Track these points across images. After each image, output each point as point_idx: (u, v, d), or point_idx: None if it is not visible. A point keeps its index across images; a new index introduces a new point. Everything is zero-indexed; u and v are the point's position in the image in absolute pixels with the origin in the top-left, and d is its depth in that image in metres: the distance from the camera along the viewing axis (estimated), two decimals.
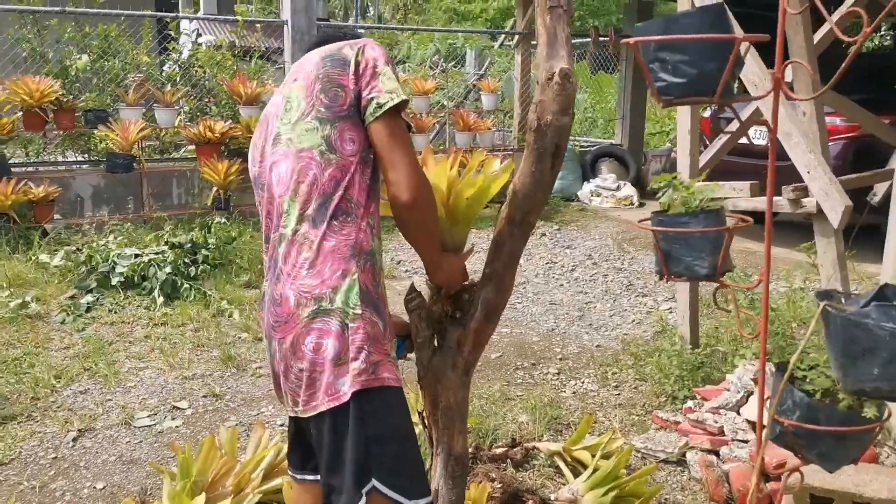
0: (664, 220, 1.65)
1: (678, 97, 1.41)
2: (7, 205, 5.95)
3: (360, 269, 1.61)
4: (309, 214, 1.61)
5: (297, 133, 1.65)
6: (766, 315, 1.49)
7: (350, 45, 1.67)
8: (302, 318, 1.59)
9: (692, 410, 3.34)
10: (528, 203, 1.88)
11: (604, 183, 8.71)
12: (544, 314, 5.09)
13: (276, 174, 1.68)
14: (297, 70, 1.73)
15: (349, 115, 1.62)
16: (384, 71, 1.63)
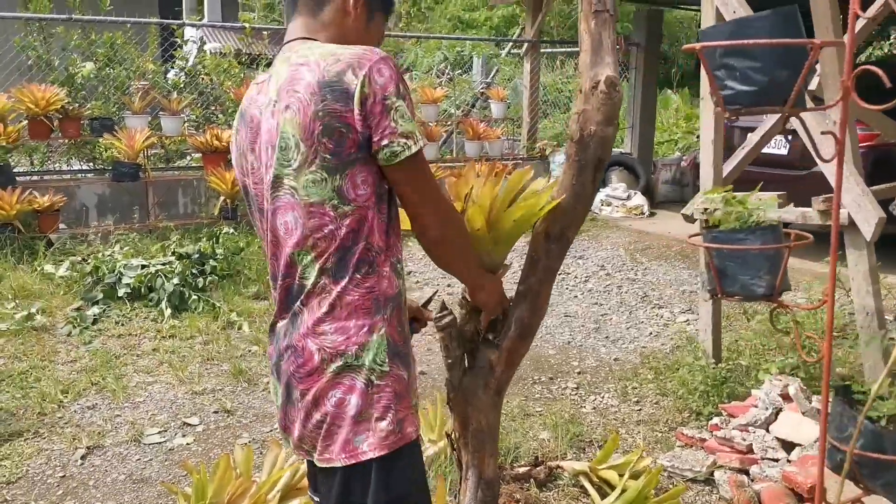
0: (718, 236, 1.56)
1: (747, 106, 1.32)
2: (12, 214, 5.87)
3: (386, 321, 1.48)
4: (329, 268, 1.46)
5: (301, 183, 1.42)
6: (830, 338, 1.39)
7: (353, 66, 1.37)
8: (327, 374, 1.46)
9: (719, 427, 3.24)
10: (567, 217, 1.80)
11: (614, 192, 8.63)
12: (559, 326, 4.99)
13: (282, 222, 1.49)
14: (287, 88, 1.43)
15: (359, 157, 1.40)
16: (397, 106, 1.38)
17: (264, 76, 1.56)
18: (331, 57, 1.39)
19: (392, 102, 1.37)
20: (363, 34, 1.56)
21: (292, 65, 1.43)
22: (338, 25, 1.54)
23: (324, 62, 1.39)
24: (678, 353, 4.35)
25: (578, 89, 1.66)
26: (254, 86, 1.58)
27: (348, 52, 1.39)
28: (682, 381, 3.75)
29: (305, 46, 1.46)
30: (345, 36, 1.53)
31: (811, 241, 1.58)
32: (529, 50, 8.85)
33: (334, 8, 1.54)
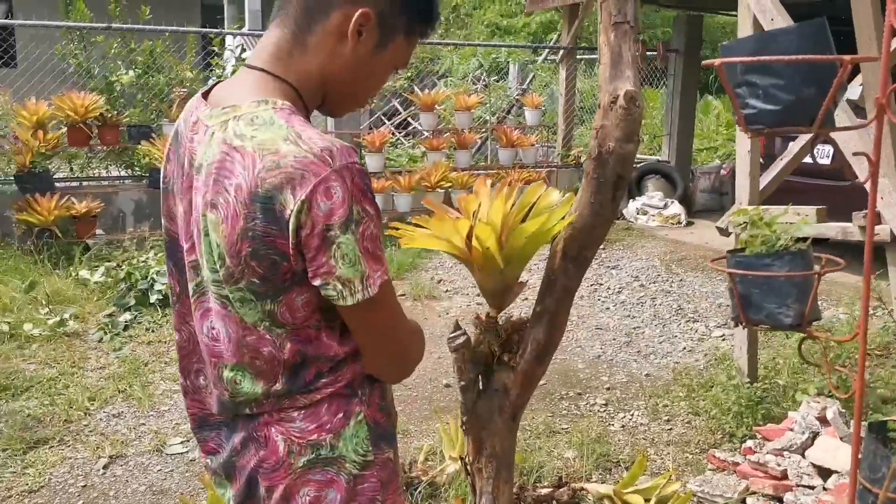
0: (742, 260, 1.47)
1: (771, 126, 1.23)
2: (50, 220, 5.97)
3: (365, 403, 1.24)
4: (278, 390, 1.20)
5: (233, 296, 1.16)
6: (863, 372, 1.30)
7: (294, 182, 1.05)
8: (296, 468, 1.21)
9: (752, 451, 3.12)
10: (585, 237, 1.72)
11: (650, 201, 8.47)
12: (590, 339, 4.89)
13: (207, 329, 1.23)
14: (216, 176, 1.11)
15: (296, 281, 1.13)
16: (339, 242, 1.07)
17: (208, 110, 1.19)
18: (269, 156, 1.06)
19: (334, 236, 1.06)
20: (364, 66, 1.23)
21: (227, 143, 1.11)
22: (326, 53, 1.20)
23: (261, 162, 1.07)
24: (712, 370, 4.22)
25: (598, 104, 1.59)
26: (200, 101, 1.23)
27: (292, 158, 1.06)
28: (715, 400, 3.62)
29: (253, 108, 1.13)
30: (333, 69, 1.21)
31: (843, 266, 1.49)
32: (565, 57, 8.75)
33: (324, 31, 1.18)
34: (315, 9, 1.18)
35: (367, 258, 1.10)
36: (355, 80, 1.24)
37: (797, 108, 1.18)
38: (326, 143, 1.08)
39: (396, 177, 7.34)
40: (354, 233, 1.08)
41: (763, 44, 1.20)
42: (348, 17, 1.17)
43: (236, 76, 1.24)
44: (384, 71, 1.28)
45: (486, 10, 22.88)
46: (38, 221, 5.96)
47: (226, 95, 1.19)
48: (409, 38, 1.27)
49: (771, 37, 1.19)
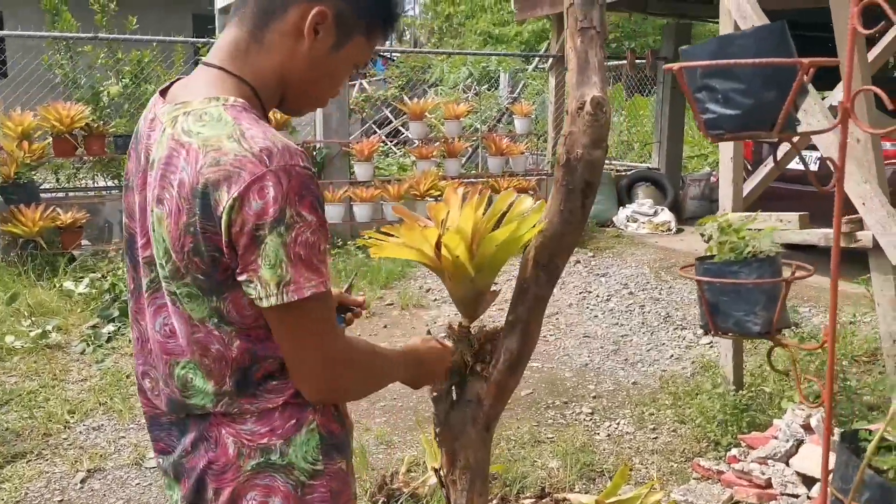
0: (711, 268, 1.45)
1: (731, 131, 1.21)
2: (35, 231, 5.93)
3: (318, 412, 1.22)
4: (228, 390, 1.18)
5: (179, 291, 1.15)
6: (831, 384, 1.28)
7: (230, 179, 1.04)
8: (244, 471, 1.19)
9: (737, 459, 3.10)
10: (555, 245, 1.69)
11: (640, 208, 8.47)
12: (577, 347, 4.86)
13: (160, 325, 1.22)
14: (163, 170, 1.11)
15: (238, 279, 1.11)
16: (267, 241, 1.05)
17: (166, 105, 1.19)
18: (212, 153, 1.06)
19: (262, 236, 1.04)
20: (321, 65, 1.22)
21: (174, 139, 1.11)
22: (282, 53, 1.19)
23: (203, 158, 1.06)
24: (699, 378, 4.19)
25: (565, 110, 1.57)
26: (158, 99, 1.23)
27: (232, 156, 1.05)
28: (700, 408, 3.60)
29: (203, 105, 1.12)
30: (291, 67, 1.20)
31: (812, 273, 1.46)
32: (555, 65, 8.76)
33: (281, 29, 1.18)
34: (271, 8, 1.18)
35: (297, 265, 1.07)
36: (313, 79, 1.24)
37: (757, 112, 1.16)
38: (268, 142, 1.07)
39: (385, 185, 7.32)
40: (282, 235, 1.05)
41: (722, 47, 1.18)
42: (304, 15, 1.17)
43: (193, 74, 1.23)
44: (342, 70, 1.27)
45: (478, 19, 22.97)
46: (22, 232, 5.91)
47: (181, 93, 1.19)
48: (368, 38, 1.26)
49: (730, 40, 1.17)
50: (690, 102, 1.25)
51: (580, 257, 7.02)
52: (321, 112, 7.64)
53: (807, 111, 2.99)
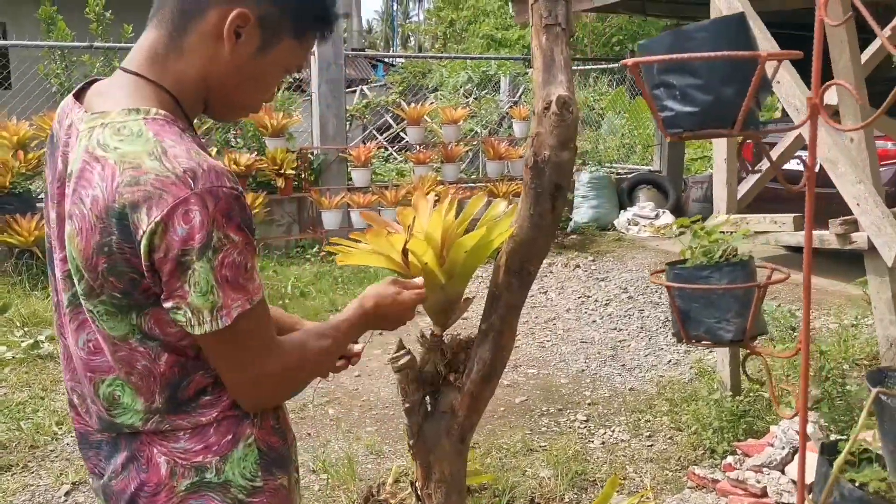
0: (681, 273, 1.39)
1: (690, 129, 1.15)
2: (30, 241, 5.92)
3: (256, 425, 1.17)
4: (159, 407, 1.13)
5: (95, 309, 1.09)
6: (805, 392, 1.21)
7: (150, 201, 0.99)
8: (178, 492, 1.13)
9: (732, 467, 3.02)
10: (526, 250, 1.64)
11: (641, 211, 8.40)
12: (574, 353, 4.80)
13: (83, 342, 1.15)
14: (75, 185, 1.05)
15: (159, 299, 1.07)
16: (195, 268, 1.00)
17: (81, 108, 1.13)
18: (130, 171, 1.00)
19: (189, 261, 1.00)
20: (245, 69, 1.15)
21: (89, 152, 1.04)
22: (204, 56, 1.12)
23: (120, 175, 1.00)
24: (697, 384, 4.12)
25: (532, 111, 1.51)
26: (73, 103, 1.16)
27: (153, 175, 0.99)
28: (696, 415, 3.52)
29: (122, 117, 1.05)
30: (212, 71, 1.13)
31: (787, 278, 1.40)
32: None
33: (201, 31, 1.10)
34: (190, 9, 1.11)
35: (224, 287, 1.03)
36: (238, 85, 1.16)
37: (717, 109, 1.10)
38: (193, 163, 1.01)
39: (383, 191, 7.28)
40: (210, 260, 1.01)
41: (679, 41, 1.12)
42: (224, 17, 1.10)
43: (111, 79, 1.16)
44: (271, 75, 1.19)
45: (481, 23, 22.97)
46: (18, 242, 5.90)
47: (97, 101, 1.12)
48: (300, 41, 1.18)
49: (686, 34, 1.11)
50: (647, 100, 1.19)
51: (580, 262, 6.95)
52: (318, 118, 7.61)
53: (798, 109, 2.92)
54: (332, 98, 7.61)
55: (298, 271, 6.53)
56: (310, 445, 3.55)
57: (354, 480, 3.13)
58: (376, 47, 32.26)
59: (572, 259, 7.03)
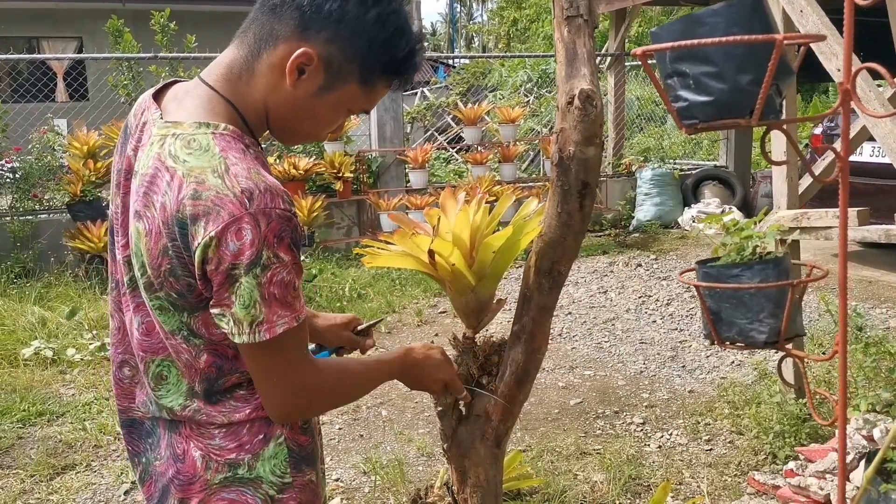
0: (711, 272, 1.32)
1: (705, 120, 1.09)
2: (100, 247, 6.13)
3: (286, 426, 1.22)
4: (198, 392, 1.20)
5: (151, 303, 1.17)
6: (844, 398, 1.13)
7: (208, 217, 1.05)
8: (211, 485, 1.20)
9: (794, 473, 2.89)
10: (555, 250, 1.59)
11: (706, 208, 8.17)
12: (633, 354, 4.69)
13: (139, 323, 1.22)
14: (145, 187, 1.11)
15: (210, 304, 1.14)
16: (243, 281, 1.06)
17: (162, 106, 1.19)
18: (194, 185, 1.06)
19: (237, 275, 1.05)
20: (304, 106, 1.18)
21: (160, 159, 1.10)
22: (268, 84, 1.16)
23: (186, 188, 1.06)
24: (761, 385, 3.96)
25: (556, 106, 1.47)
26: (151, 102, 1.21)
27: (214, 192, 1.05)
28: (756, 418, 3.39)
29: (193, 130, 1.10)
30: (274, 101, 1.17)
31: (826, 275, 1.32)
32: (613, 63, 8.55)
33: (269, 62, 1.15)
34: (266, 37, 1.16)
35: (270, 304, 1.08)
36: (295, 118, 1.20)
37: (733, 97, 1.03)
38: (251, 183, 1.06)
39: (440, 192, 7.27)
40: (258, 277, 1.06)
41: (691, 27, 1.05)
42: (290, 52, 1.14)
43: (189, 86, 1.21)
44: (330, 114, 1.22)
45: (543, 21, 22.80)
46: (89, 248, 6.12)
47: (173, 108, 1.17)
48: (365, 86, 1.20)
49: (698, 19, 1.03)
50: (660, 91, 1.13)
51: (642, 260, 6.81)
52: (376, 121, 7.67)
53: (862, 99, 2.78)
54: (389, 101, 7.66)
55: (357, 273, 6.58)
56: (362, 447, 3.56)
57: (403, 483, 3.12)
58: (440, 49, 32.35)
59: (633, 258, 6.89)
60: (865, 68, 1.03)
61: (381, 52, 1.17)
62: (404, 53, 1.19)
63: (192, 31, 7.56)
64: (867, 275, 5.85)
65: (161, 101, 1.21)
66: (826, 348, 4.36)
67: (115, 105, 7.48)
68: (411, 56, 1.21)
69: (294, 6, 1.13)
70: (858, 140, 3.50)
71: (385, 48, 1.17)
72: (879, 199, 5.19)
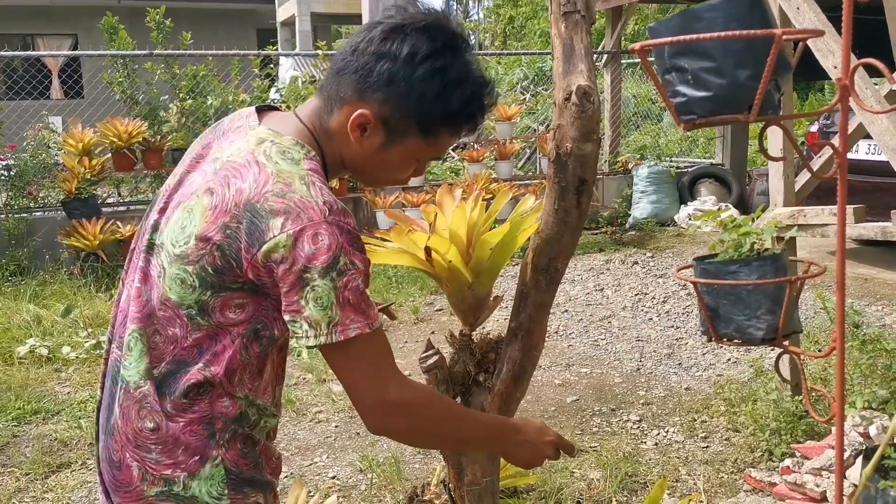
0: (708, 268, 1.32)
1: (704, 115, 1.09)
2: (96, 244, 6.11)
3: (223, 446, 1.22)
4: (156, 375, 1.21)
5: (173, 271, 1.19)
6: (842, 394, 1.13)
7: (289, 216, 1.11)
8: (147, 495, 1.22)
9: (791, 470, 2.90)
10: (552, 247, 1.59)
11: (703, 206, 8.17)
12: (629, 352, 4.69)
13: (136, 289, 1.25)
14: (226, 171, 1.18)
15: (240, 288, 1.18)
16: (315, 285, 1.11)
17: (238, 122, 1.29)
18: (281, 185, 1.14)
19: (309, 278, 1.11)
20: (373, 159, 1.27)
21: (253, 155, 1.18)
22: (339, 139, 1.25)
23: (272, 184, 1.14)
24: (757, 383, 3.97)
25: (553, 101, 1.46)
26: (253, 114, 1.31)
27: (299, 196, 1.13)
28: (753, 415, 3.39)
29: (290, 145, 1.20)
30: (348, 153, 1.27)
31: (823, 271, 1.32)
32: (610, 61, 8.55)
33: (338, 120, 1.24)
34: (335, 96, 1.25)
35: (345, 308, 1.13)
36: (368, 168, 1.31)
37: (731, 93, 1.03)
38: (331, 199, 1.16)
39: (436, 190, 7.26)
40: (335, 280, 1.12)
41: (688, 22, 1.05)
42: (351, 114, 1.22)
43: (288, 117, 1.29)
44: (402, 163, 1.30)
45: (540, 19, 22.78)
46: (84, 246, 6.10)
47: (273, 124, 1.26)
48: (429, 139, 1.26)
49: (696, 14, 1.03)
50: (658, 87, 1.13)
51: (638, 258, 6.81)
52: None
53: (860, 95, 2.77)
54: None
55: None
56: (358, 445, 3.56)
57: (400, 480, 3.12)
58: None
59: (630, 255, 6.89)
60: (863, 64, 1.02)
61: (435, 106, 1.22)
62: (461, 104, 1.23)
63: (187, 29, 7.53)
64: (863, 272, 5.85)
65: (262, 116, 1.30)
66: (822, 345, 4.37)
67: (111, 102, 7.45)
68: (471, 105, 1.24)
69: (352, 70, 1.21)
70: (855, 137, 3.50)
71: (438, 102, 1.21)
72: (876, 196, 5.20)
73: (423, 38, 1.19)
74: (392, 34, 1.19)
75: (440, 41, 1.20)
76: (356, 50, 1.21)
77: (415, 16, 1.21)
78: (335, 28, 20.55)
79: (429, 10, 1.23)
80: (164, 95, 7.29)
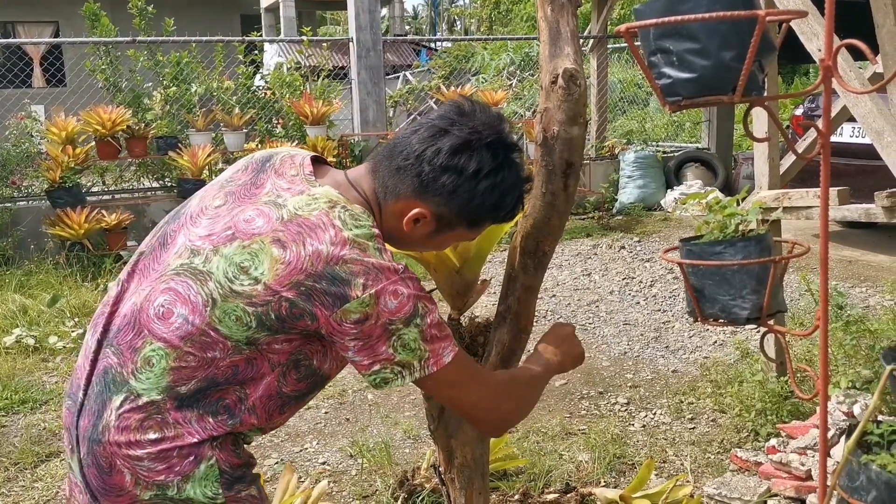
0: (694, 249, 1.33)
1: (688, 97, 1.10)
2: (81, 233, 6.07)
3: (217, 448, 1.26)
4: (182, 392, 1.23)
5: (223, 306, 1.22)
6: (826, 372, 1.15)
7: (367, 278, 1.20)
8: (140, 499, 1.24)
9: (776, 450, 2.93)
10: (540, 230, 1.60)
11: (689, 190, 8.21)
12: (617, 335, 4.72)
13: (158, 305, 1.25)
14: (297, 227, 1.23)
15: (299, 333, 1.25)
16: (401, 333, 1.23)
17: (261, 158, 1.38)
18: (357, 249, 1.22)
19: (395, 329, 1.22)
20: (422, 243, 1.43)
21: (329, 217, 1.24)
22: (389, 221, 1.35)
23: (349, 249, 1.21)
24: (743, 364, 4.01)
25: (539, 85, 1.47)
26: (308, 164, 1.36)
27: (374, 260, 1.22)
28: (738, 396, 3.43)
29: (360, 213, 1.27)
30: (397, 234, 1.37)
31: (807, 251, 1.33)
32: (596, 46, 8.55)
33: (392, 206, 1.33)
34: (392, 189, 1.33)
35: (433, 342, 1.26)
36: (412, 245, 1.44)
37: (716, 74, 1.04)
38: (395, 259, 1.27)
39: None
40: (419, 325, 1.24)
41: (674, 5, 1.06)
42: (407, 209, 1.32)
43: (349, 186, 1.35)
44: (440, 245, 1.47)
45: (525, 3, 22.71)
46: (69, 235, 6.06)
47: (339, 187, 1.33)
48: (473, 229, 1.39)
49: None
50: (644, 69, 1.14)
51: (625, 243, 6.84)
52: (358, 105, 7.63)
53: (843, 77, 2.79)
54: (371, 84, 7.62)
55: None
56: (348, 430, 3.57)
57: (391, 465, 3.13)
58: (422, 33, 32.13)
59: (617, 240, 6.92)
60: (846, 46, 1.03)
61: (489, 212, 1.35)
62: (511, 206, 1.37)
63: (170, 15, 7.45)
64: (847, 254, 5.91)
65: (316, 168, 1.36)
66: (807, 327, 4.41)
67: (94, 90, 7.38)
68: (517, 204, 1.38)
69: (415, 173, 1.29)
70: (839, 120, 3.52)
71: (494, 208, 1.34)
72: (859, 179, 5.24)
73: (488, 155, 1.29)
74: (460, 151, 1.27)
75: (501, 157, 1.30)
76: (421, 158, 1.28)
77: (479, 130, 1.28)
78: (320, 14, 20.42)
79: (488, 116, 1.31)
80: (148, 83, 7.24)
